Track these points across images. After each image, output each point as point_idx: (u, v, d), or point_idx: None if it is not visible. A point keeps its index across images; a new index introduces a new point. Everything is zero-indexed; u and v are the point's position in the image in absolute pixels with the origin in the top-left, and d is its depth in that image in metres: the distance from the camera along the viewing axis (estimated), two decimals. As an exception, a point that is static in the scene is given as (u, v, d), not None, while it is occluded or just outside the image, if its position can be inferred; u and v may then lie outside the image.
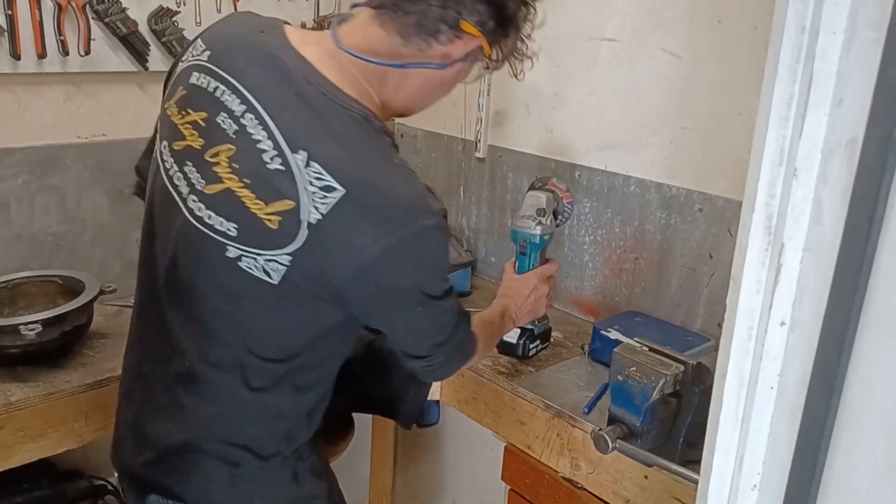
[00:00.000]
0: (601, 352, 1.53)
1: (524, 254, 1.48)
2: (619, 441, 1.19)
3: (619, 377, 1.22)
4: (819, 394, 0.64)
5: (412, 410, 1.53)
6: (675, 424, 1.22)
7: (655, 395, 1.18)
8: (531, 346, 1.58)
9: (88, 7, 1.63)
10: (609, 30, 1.65)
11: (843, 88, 0.59)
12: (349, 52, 1.01)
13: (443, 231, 1.00)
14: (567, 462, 1.38)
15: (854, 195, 0.59)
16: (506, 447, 1.53)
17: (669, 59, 1.55)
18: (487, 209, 2.02)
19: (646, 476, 1.25)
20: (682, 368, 1.19)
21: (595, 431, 1.22)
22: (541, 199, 1.48)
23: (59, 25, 1.60)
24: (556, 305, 1.87)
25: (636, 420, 1.20)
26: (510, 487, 1.54)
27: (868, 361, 0.61)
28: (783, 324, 0.66)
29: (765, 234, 0.65)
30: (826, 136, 0.61)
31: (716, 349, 1.43)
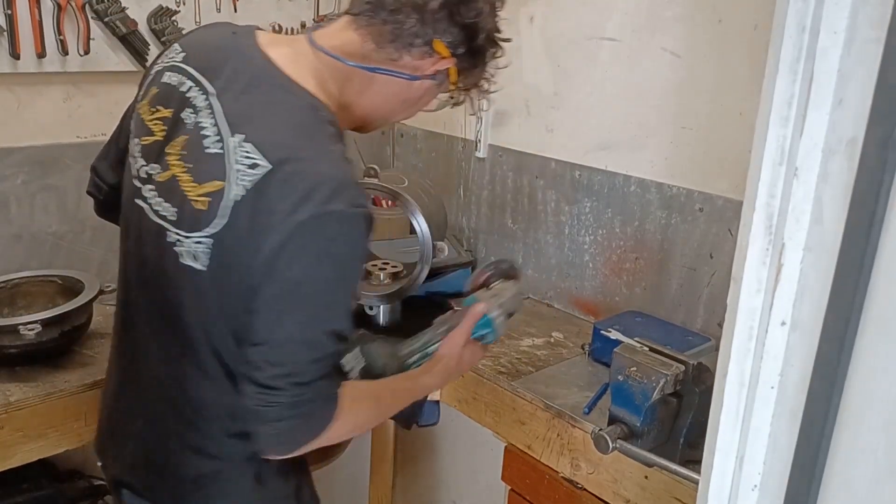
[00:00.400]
0: (601, 352, 1.53)
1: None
2: (620, 441, 1.19)
3: (620, 377, 1.22)
4: (819, 394, 0.64)
5: (412, 411, 1.53)
6: (676, 424, 1.22)
7: (656, 395, 1.18)
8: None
9: (88, 7, 1.63)
10: (609, 30, 1.64)
11: (844, 88, 0.59)
12: (320, 49, 1.04)
13: (361, 222, 0.95)
14: (567, 462, 1.38)
15: (855, 194, 0.59)
16: (506, 447, 1.53)
17: (669, 59, 1.55)
18: (487, 209, 2.02)
19: (646, 476, 1.25)
20: (683, 368, 1.19)
21: (595, 431, 1.22)
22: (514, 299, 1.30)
23: (59, 25, 1.60)
24: (557, 305, 1.87)
25: (636, 420, 1.20)
26: (510, 487, 1.54)
27: (868, 361, 0.61)
28: (784, 323, 0.66)
29: (765, 234, 0.65)
30: (827, 136, 0.61)
31: (716, 349, 1.43)
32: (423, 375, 1.21)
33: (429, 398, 1.58)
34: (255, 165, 0.94)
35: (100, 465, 1.23)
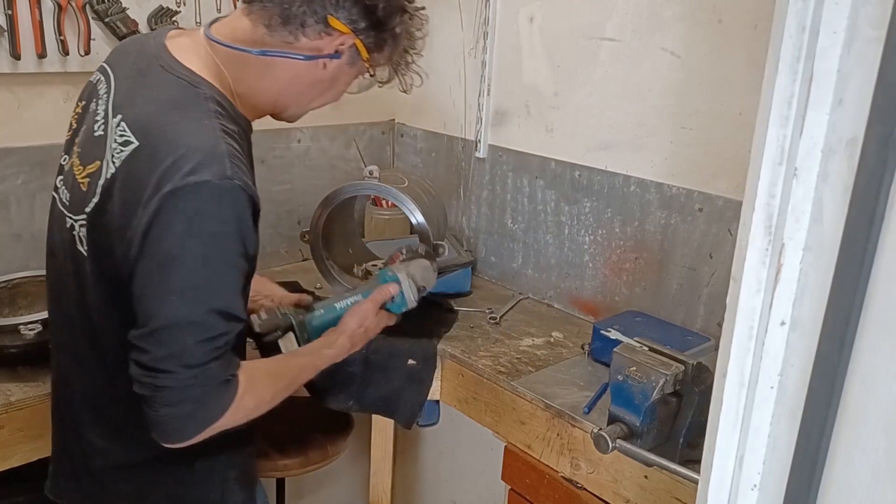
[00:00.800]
0: (601, 352, 1.53)
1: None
2: (619, 441, 1.19)
3: (619, 377, 1.22)
4: (819, 394, 0.63)
5: (411, 410, 1.53)
6: (675, 424, 1.22)
7: (655, 395, 1.18)
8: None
9: (88, 7, 1.63)
10: (609, 29, 1.65)
11: (844, 88, 0.59)
12: (211, 38, 1.06)
13: (234, 195, 0.92)
14: (567, 462, 1.38)
15: (854, 194, 0.59)
16: (506, 447, 1.53)
17: (669, 59, 1.55)
18: (487, 209, 2.02)
19: (646, 476, 1.25)
20: (682, 368, 1.19)
21: (595, 431, 1.22)
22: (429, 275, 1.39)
23: (59, 25, 1.60)
24: (557, 305, 1.87)
25: (636, 420, 1.20)
26: (510, 487, 1.54)
27: (868, 361, 0.61)
28: (783, 323, 0.66)
29: (765, 234, 0.65)
30: (826, 136, 0.61)
31: (716, 349, 1.43)
32: (325, 348, 1.21)
33: (429, 398, 1.58)
34: (127, 143, 0.96)
35: None
